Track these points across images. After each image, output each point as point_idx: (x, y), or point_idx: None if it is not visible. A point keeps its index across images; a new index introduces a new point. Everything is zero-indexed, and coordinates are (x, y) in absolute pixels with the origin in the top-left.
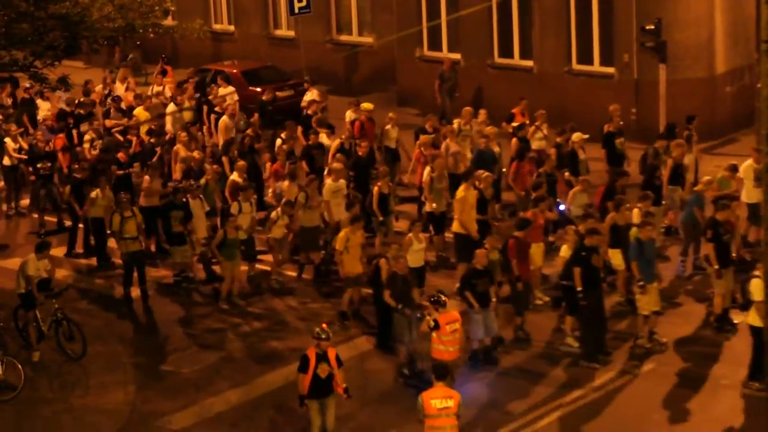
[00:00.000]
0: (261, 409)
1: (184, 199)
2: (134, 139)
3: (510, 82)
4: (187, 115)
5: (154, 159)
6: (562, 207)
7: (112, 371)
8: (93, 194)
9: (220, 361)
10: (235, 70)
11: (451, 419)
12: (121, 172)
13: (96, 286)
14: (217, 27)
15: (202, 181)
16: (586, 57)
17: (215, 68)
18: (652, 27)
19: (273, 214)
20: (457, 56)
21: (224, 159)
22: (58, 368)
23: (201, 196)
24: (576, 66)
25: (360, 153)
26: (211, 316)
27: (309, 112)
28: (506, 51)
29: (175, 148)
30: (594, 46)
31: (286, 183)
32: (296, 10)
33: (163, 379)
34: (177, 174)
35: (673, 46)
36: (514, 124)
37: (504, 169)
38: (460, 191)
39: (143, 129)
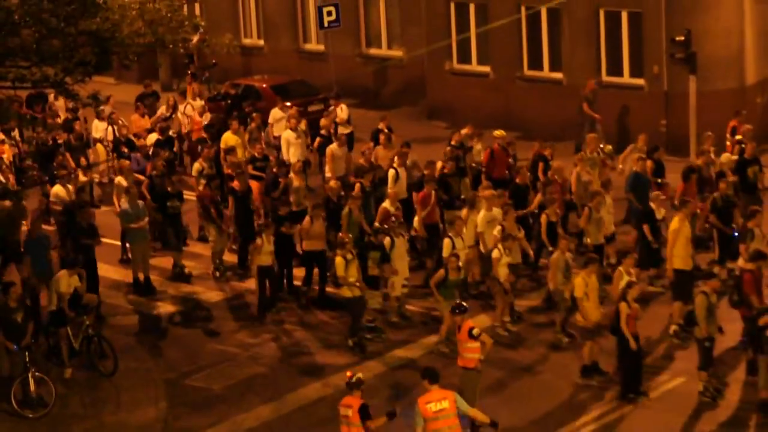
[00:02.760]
0: (291, 425)
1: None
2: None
3: (539, 94)
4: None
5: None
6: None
7: (143, 388)
8: (258, 242)
9: (252, 377)
10: (264, 85)
11: (450, 420)
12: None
13: (128, 301)
14: (246, 41)
15: (345, 210)
16: (616, 69)
17: (245, 83)
18: (682, 38)
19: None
20: (486, 69)
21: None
22: (89, 385)
23: (402, 233)
24: (606, 78)
25: (518, 181)
26: (241, 331)
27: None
28: (536, 63)
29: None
30: (624, 57)
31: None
32: (326, 24)
33: (194, 395)
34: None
35: (702, 58)
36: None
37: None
38: (675, 223)
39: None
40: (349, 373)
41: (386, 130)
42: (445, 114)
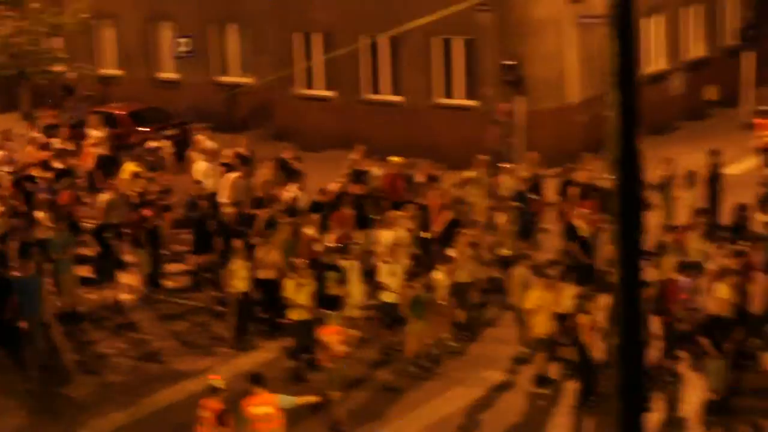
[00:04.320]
0: (146, 428)
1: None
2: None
3: (380, 116)
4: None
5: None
6: None
7: (7, 398)
8: (233, 267)
9: (108, 384)
10: (122, 112)
11: (272, 423)
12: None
13: None
14: (104, 71)
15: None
16: (450, 91)
17: (104, 110)
18: (511, 62)
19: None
20: (330, 93)
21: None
22: None
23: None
24: (441, 100)
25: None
26: (101, 343)
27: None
28: (376, 87)
29: None
30: (458, 81)
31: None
32: (179, 54)
33: (54, 403)
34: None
35: (531, 80)
36: None
37: None
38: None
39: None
40: (212, 377)
41: (291, 161)
42: (291, 135)
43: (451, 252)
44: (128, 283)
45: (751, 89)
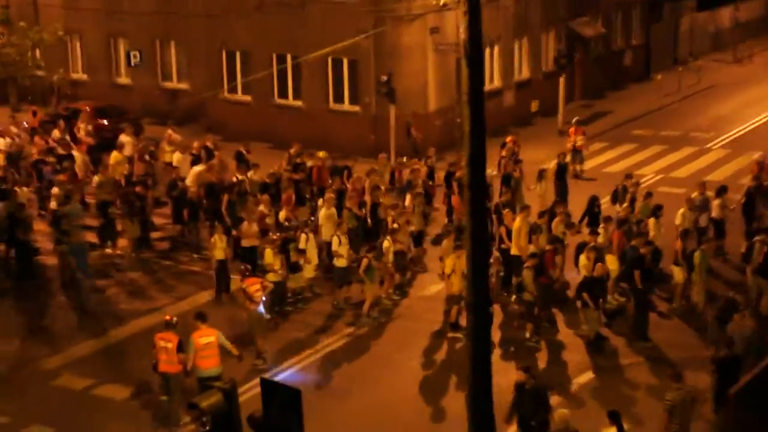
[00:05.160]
0: (111, 355)
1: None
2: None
3: (287, 117)
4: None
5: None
6: None
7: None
8: (212, 240)
9: (80, 318)
10: (88, 108)
11: (213, 350)
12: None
13: None
14: (74, 76)
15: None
16: (339, 98)
17: (74, 106)
18: (385, 78)
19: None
20: (248, 98)
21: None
22: None
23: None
24: (333, 105)
25: (335, 187)
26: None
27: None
28: (284, 94)
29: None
30: (345, 91)
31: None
32: (132, 64)
33: (42, 333)
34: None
35: (399, 92)
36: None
37: None
38: (517, 222)
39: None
40: (167, 317)
41: (245, 152)
42: (220, 129)
43: (393, 225)
44: (121, 246)
45: (563, 104)
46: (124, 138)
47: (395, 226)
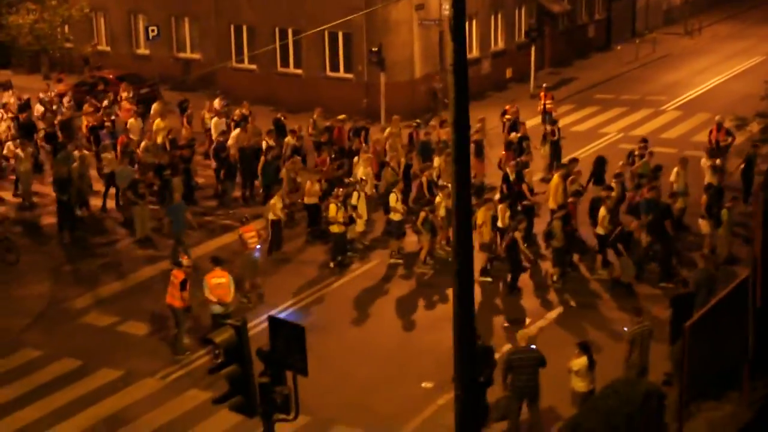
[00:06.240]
0: (135, 293)
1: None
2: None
3: (288, 83)
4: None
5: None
6: None
7: (37, 273)
8: (271, 201)
9: (108, 262)
10: (111, 76)
11: (225, 289)
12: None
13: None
14: (100, 48)
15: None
16: (335, 67)
17: (99, 74)
18: (376, 49)
19: None
20: (254, 67)
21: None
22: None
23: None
24: (329, 73)
25: (354, 147)
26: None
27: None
28: (286, 63)
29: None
30: (341, 60)
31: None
32: (150, 37)
33: (70, 275)
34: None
35: (389, 61)
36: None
37: None
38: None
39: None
40: (183, 258)
41: (282, 118)
42: (229, 94)
43: (441, 182)
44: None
45: (534, 71)
46: (156, 106)
47: (446, 183)
